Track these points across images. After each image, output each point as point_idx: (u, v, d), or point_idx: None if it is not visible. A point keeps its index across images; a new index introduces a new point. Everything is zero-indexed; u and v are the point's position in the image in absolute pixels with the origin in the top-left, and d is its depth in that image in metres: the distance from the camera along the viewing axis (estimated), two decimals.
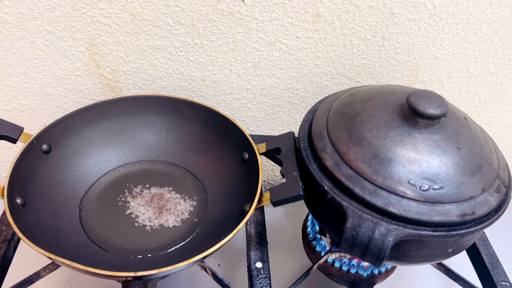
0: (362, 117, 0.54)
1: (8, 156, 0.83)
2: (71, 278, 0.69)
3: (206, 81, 0.74)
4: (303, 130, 0.59)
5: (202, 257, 0.51)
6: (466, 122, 0.55)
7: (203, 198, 0.67)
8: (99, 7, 0.65)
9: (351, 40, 0.69)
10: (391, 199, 0.48)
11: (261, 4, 0.65)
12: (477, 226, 0.49)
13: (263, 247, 0.63)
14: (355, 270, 0.63)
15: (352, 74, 0.74)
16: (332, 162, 0.52)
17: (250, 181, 0.61)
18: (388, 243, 0.47)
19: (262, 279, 0.59)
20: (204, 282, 0.70)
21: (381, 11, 0.66)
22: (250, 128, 0.81)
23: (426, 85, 0.76)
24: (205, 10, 0.66)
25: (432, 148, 0.50)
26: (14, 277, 0.59)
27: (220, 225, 0.61)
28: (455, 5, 0.66)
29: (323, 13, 0.66)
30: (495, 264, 0.65)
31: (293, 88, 0.75)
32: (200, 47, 0.70)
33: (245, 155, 0.64)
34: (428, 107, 0.50)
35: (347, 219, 0.49)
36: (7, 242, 0.61)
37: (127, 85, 0.74)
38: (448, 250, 0.53)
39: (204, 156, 0.70)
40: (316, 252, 0.65)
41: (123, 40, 0.68)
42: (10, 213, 0.52)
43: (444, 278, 0.72)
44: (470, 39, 0.70)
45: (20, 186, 0.57)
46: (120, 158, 0.70)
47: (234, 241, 0.55)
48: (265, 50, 0.70)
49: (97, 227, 0.62)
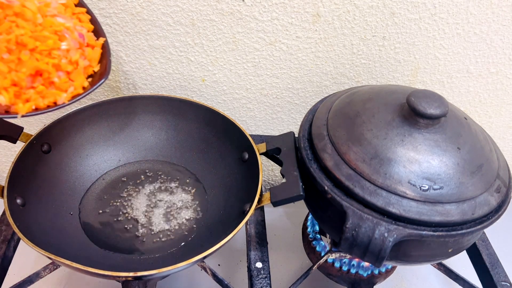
0: (362, 117, 0.54)
1: (8, 156, 0.83)
2: (71, 278, 0.69)
3: (206, 81, 0.74)
4: (303, 130, 0.59)
5: (202, 257, 0.51)
6: (466, 122, 0.55)
7: (203, 198, 0.67)
8: (99, 7, 0.65)
9: (351, 40, 0.69)
10: (391, 199, 0.48)
11: (261, 4, 0.65)
12: (477, 226, 0.49)
13: (263, 247, 0.63)
14: (355, 270, 0.63)
15: (352, 74, 0.74)
16: (332, 162, 0.52)
17: (250, 181, 0.61)
18: (388, 243, 0.47)
19: (262, 279, 0.59)
20: (204, 282, 0.70)
21: (381, 11, 0.66)
22: (250, 128, 0.81)
23: (426, 85, 0.76)
24: (205, 10, 0.66)
25: (432, 148, 0.50)
26: (14, 277, 0.59)
27: (220, 225, 0.61)
28: (455, 5, 0.66)
29: (323, 13, 0.66)
30: (495, 264, 0.65)
31: (293, 88, 0.75)
32: (200, 47, 0.70)
33: (245, 155, 0.64)
34: (428, 107, 0.50)
35: (347, 219, 0.49)
36: (7, 242, 0.61)
37: (127, 85, 0.74)
38: (448, 250, 0.53)
39: (204, 156, 0.70)
40: (316, 252, 0.65)
41: (123, 40, 0.68)
42: (10, 213, 0.52)
43: (444, 278, 0.72)
44: (470, 39, 0.70)
45: (20, 186, 0.57)
46: (120, 158, 0.70)
47: (234, 241, 0.55)
48: (265, 50, 0.70)
49: (97, 227, 0.62)
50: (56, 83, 0.50)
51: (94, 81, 0.53)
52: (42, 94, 0.49)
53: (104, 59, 0.55)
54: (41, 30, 0.48)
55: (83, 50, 0.53)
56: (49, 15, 0.50)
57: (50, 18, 0.50)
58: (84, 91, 0.52)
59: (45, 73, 0.49)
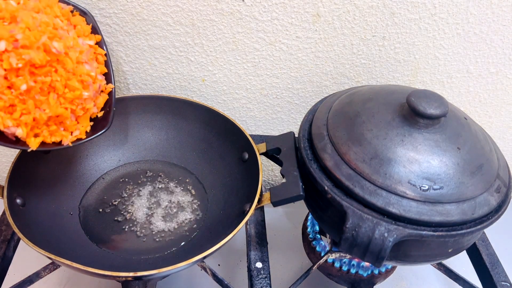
0: (362, 117, 0.54)
1: (8, 156, 0.83)
2: (71, 278, 0.69)
3: (206, 81, 0.74)
4: (303, 130, 0.59)
5: (202, 257, 0.51)
6: (466, 122, 0.55)
7: (203, 198, 0.67)
8: (99, 7, 0.65)
9: (351, 40, 0.69)
10: (391, 199, 0.48)
11: (261, 4, 0.65)
12: (477, 226, 0.49)
13: (263, 247, 0.63)
14: (355, 270, 0.63)
15: (352, 74, 0.74)
16: (332, 162, 0.52)
17: (250, 181, 0.61)
18: (388, 243, 0.47)
19: (262, 279, 0.59)
20: (204, 282, 0.70)
21: (381, 11, 0.66)
22: (250, 128, 0.81)
23: (426, 85, 0.76)
24: (205, 10, 0.66)
25: (432, 148, 0.50)
26: (14, 277, 0.59)
27: (220, 225, 0.61)
28: (455, 5, 0.66)
29: (323, 13, 0.66)
30: (495, 264, 0.65)
31: (293, 88, 0.75)
32: (200, 47, 0.70)
33: (245, 155, 0.64)
34: (428, 107, 0.50)
35: (347, 219, 0.49)
36: (7, 242, 0.61)
37: (127, 85, 0.74)
38: (448, 250, 0.53)
39: (204, 156, 0.70)
40: (316, 252, 0.65)
41: (123, 40, 0.68)
42: (10, 213, 0.52)
43: (444, 278, 0.72)
44: (470, 39, 0.70)
45: (20, 186, 0.57)
46: (120, 158, 0.70)
47: (234, 241, 0.55)
48: (265, 50, 0.70)
49: (97, 227, 0.62)
50: (66, 125, 0.53)
51: (96, 128, 0.57)
52: (53, 133, 0.52)
53: (108, 108, 0.59)
54: (71, 78, 0.52)
55: (96, 98, 0.57)
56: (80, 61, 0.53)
57: (81, 65, 0.53)
58: (86, 136, 0.56)
59: (61, 116, 0.52)
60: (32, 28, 0.48)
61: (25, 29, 0.47)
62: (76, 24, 0.57)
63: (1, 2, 0.48)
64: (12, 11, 0.48)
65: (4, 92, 0.47)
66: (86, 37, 0.58)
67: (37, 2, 0.52)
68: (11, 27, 0.47)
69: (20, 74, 0.48)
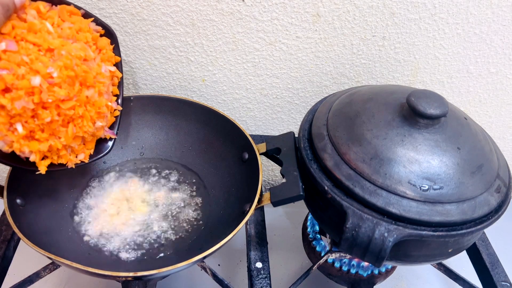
0: (362, 117, 0.54)
1: None
2: (71, 278, 0.69)
3: (206, 81, 0.74)
4: (303, 130, 0.59)
5: (202, 257, 0.51)
6: (466, 122, 0.55)
7: (203, 198, 0.67)
8: (99, 7, 0.65)
9: (351, 40, 0.69)
10: (391, 199, 0.48)
11: (261, 4, 0.65)
12: (477, 226, 0.49)
13: (263, 247, 0.63)
14: (355, 270, 0.63)
15: (352, 74, 0.74)
16: (332, 162, 0.52)
17: (250, 181, 0.61)
18: (388, 243, 0.47)
19: (262, 279, 0.59)
20: (204, 282, 0.70)
21: (381, 11, 0.66)
22: (250, 128, 0.81)
23: (426, 85, 0.76)
24: (205, 10, 0.66)
25: (432, 148, 0.50)
26: (14, 277, 0.59)
27: (220, 225, 0.61)
28: (455, 5, 0.66)
29: (323, 13, 0.66)
30: (495, 264, 0.65)
31: (293, 88, 0.75)
32: (200, 47, 0.70)
33: (245, 155, 0.64)
34: (428, 107, 0.50)
35: (347, 219, 0.49)
36: (7, 242, 0.61)
37: (127, 85, 0.74)
38: (448, 250, 0.53)
39: (204, 156, 0.70)
40: (316, 252, 0.65)
41: (123, 40, 0.68)
42: (10, 213, 0.52)
43: (444, 278, 0.72)
44: (470, 39, 0.70)
45: (20, 186, 0.57)
46: (120, 158, 0.70)
47: (234, 241, 0.55)
48: (265, 50, 0.70)
49: (97, 227, 0.62)
50: (74, 148, 0.54)
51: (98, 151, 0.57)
52: (61, 156, 0.53)
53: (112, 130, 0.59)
54: (91, 110, 0.52)
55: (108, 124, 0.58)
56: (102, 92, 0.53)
57: (101, 97, 0.53)
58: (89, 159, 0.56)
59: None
60: (68, 67, 0.47)
61: (61, 68, 0.47)
62: (102, 49, 0.56)
63: (36, 21, 0.47)
64: (50, 43, 0.47)
65: (28, 121, 0.47)
66: (109, 62, 0.57)
67: (71, 24, 0.51)
68: (49, 62, 0.46)
69: (47, 107, 0.47)
